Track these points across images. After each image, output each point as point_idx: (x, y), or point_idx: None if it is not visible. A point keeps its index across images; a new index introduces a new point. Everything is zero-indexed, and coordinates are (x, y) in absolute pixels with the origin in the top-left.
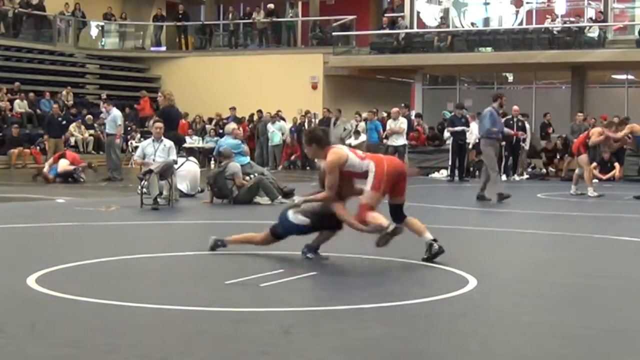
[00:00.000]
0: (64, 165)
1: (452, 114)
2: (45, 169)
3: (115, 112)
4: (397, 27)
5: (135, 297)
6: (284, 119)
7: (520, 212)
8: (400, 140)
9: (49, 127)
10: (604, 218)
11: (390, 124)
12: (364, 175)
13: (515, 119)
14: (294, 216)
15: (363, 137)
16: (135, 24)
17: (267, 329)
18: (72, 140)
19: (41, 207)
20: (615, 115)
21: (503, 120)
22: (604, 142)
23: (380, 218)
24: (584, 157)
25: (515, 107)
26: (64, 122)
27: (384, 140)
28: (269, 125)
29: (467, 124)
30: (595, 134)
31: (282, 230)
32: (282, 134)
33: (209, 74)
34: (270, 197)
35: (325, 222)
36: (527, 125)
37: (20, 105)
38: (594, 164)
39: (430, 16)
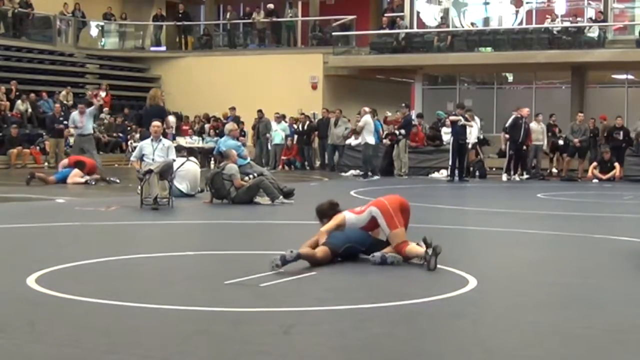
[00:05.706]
0: (75, 176)
1: (453, 113)
2: (59, 168)
3: (82, 115)
4: (397, 27)
5: (135, 297)
6: (285, 121)
7: (520, 212)
8: (359, 139)
9: (49, 127)
10: (604, 218)
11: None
12: (372, 225)
13: (522, 120)
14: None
15: None
16: (135, 24)
17: (267, 329)
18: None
19: (41, 207)
20: (617, 115)
21: (510, 120)
22: None
23: (416, 248)
24: None
25: (526, 109)
26: (64, 122)
27: (384, 140)
28: (273, 125)
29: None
30: None
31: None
32: (285, 136)
33: (209, 74)
34: (270, 197)
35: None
36: (542, 126)
37: (22, 106)
38: (594, 163)
39: (430, 16)
